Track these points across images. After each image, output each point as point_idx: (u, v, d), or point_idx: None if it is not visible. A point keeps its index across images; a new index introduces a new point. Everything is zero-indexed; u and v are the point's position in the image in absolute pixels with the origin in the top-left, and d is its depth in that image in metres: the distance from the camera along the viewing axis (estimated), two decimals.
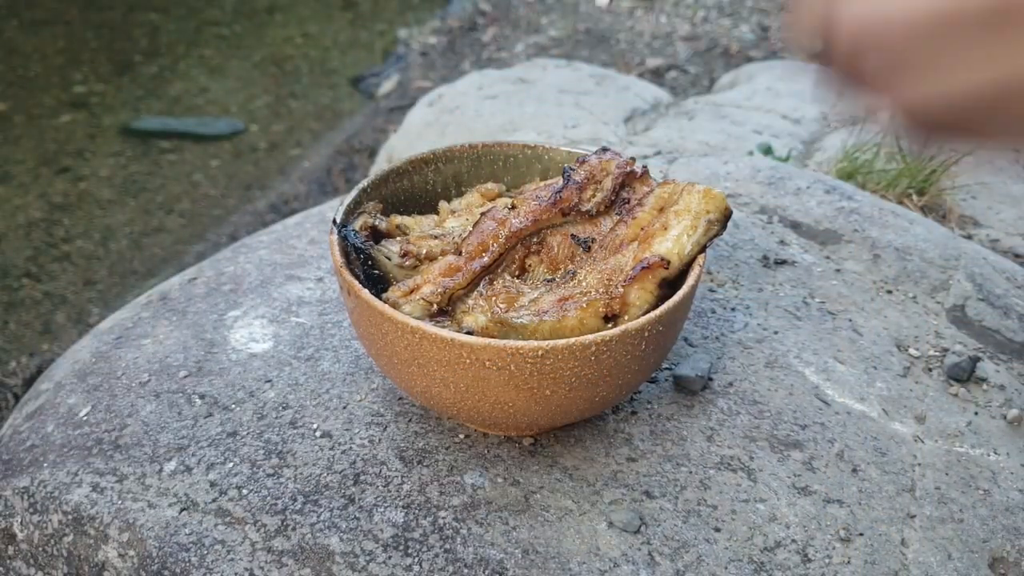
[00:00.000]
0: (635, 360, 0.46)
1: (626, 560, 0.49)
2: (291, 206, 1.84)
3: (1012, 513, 0.54)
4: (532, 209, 0.51)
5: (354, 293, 0.47)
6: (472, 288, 0.49)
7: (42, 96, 2.32)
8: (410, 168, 0.57)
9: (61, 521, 0.53)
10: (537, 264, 0.51)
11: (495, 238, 0.50)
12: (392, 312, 0.45)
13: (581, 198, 0.51)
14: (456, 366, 0.45)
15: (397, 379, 0.50)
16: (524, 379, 0.44)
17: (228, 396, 0.60)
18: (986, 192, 1.08)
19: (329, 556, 0.48)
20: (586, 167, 0.52)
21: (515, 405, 0.46)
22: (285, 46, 2.74)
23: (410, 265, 0.51)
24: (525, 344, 0.43)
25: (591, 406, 0.48)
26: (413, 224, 0.54)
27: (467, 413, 0.49)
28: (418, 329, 0.44)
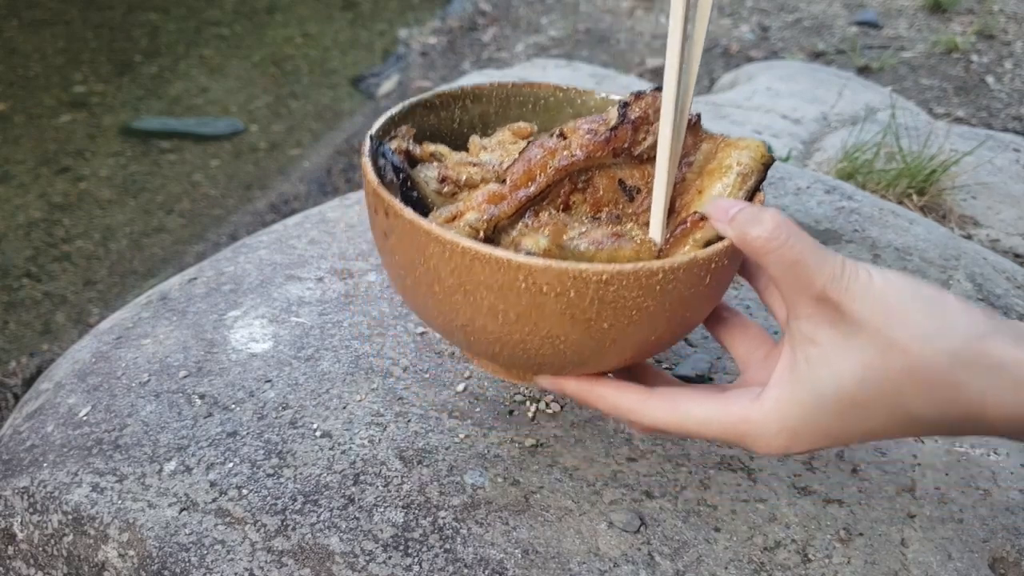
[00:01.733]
0: (696, 297, 0.43)
1: (626, 560, 0.49)
2: (291, 206, 1.84)
3: (1012, 513, 0.54)
4: (586, 143, 0.47)
5: (394, 213, 0.42)
6: (517, 219, 0.46)
7: (42, 96, 2.32)
8: (437, 102, 0.54)
9: (61, 521, 0.53)
10: (581, 203, 0.48)
11: (543, 168, 0.46)
12: (441, 231, 0.40)
13: (634, 139, 0.47)
14: (509, 292, 0.40)
15: (435, 313, 0.45)
16: (583, 308, 0.40)
17: (228, 396, 0.60)
18: (986, 192, 1.08)
19: (329, 556, 0.48)
20: (642, 103, 0.48)
21: (567, 339, 0.42)
22: (285, 46, 2.74)
23: (448, 192, 0.47)
24: (589, 267, 0.39)
25: (644, 347, 0.45)
26: (448, 153, 0.51)
27: (510, 350, 0.44)
28: (470, 249, 0.40)
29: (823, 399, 0.38)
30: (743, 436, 0.40)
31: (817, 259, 0.37)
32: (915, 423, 0.38)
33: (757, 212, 0.39)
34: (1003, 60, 2.15)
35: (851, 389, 0.37)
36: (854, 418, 0.38)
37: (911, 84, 2.04)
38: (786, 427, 0.39)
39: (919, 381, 0.36)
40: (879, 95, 1.53)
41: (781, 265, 0.38)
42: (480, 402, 0.59)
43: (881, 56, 2.17)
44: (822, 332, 0.38)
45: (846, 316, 0.37)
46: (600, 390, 0.44)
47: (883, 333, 0.36)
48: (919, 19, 2.43)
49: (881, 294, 0.37)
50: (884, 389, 0.37)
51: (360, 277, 0.73)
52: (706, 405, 0.41)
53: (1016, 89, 2.00)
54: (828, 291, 0.37)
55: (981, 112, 1.89)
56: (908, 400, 0.37)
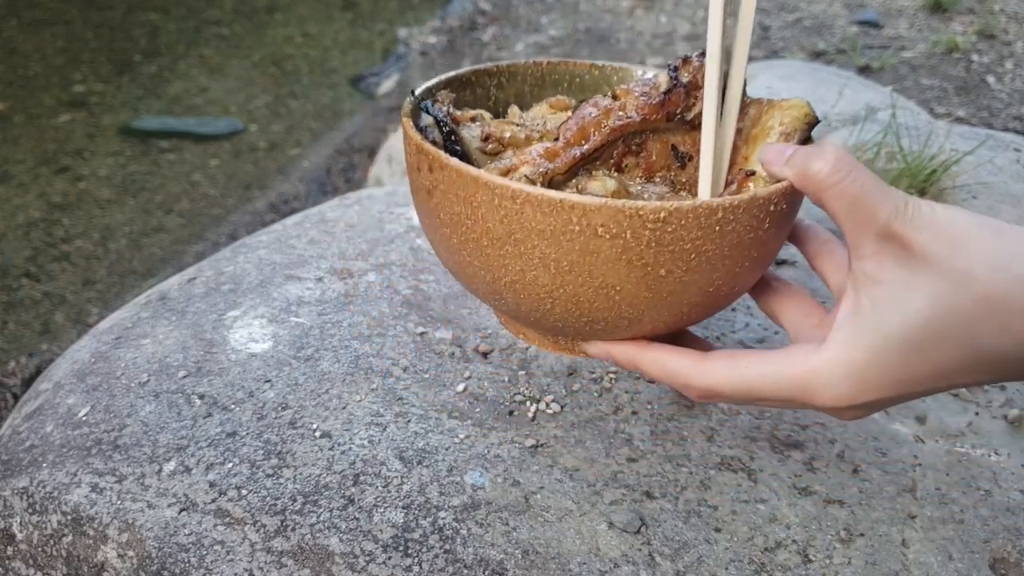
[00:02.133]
0: (756, 242, 0.41)
1: (626, 560, 0.48)
2: (291, 206, 1.84)
3: (1013, 513, 0.54)
4: (640, 105, 0.46)
5: (439, 165, 0.41)
6: (571, 176, 0.45)
7: (42, 96, 2.32)
8: (473, 78, 0.53)
9: (60, 521, 0.53)
10: (634, 166, 0.47)
11: (597, 127, 0.46)
12: (490, 177, 0.39)
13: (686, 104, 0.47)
14: (562, 237, 0.39)
15: (482, 272, 0.43)
16: (639, 252, 0.39)
17: (227, 396, 0.59)
18: (987, 192, 1.08)
19: (329, 557, 0.48)
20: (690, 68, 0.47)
21: (623, 289, 0.40)
22: (285, 46, 2.74)
23: (492, 150, 0.47)
24: (645, 204, 0.37)
25: (702, 299, 0.42)
26: (488, 117, 0.51)
27: (562, 307, 0.42)
28: (521, 192, 0.38)
29: (891, 340, 0.36)
30: (806, 389, 0.38)
31: (880, 193, 0.36)
32: (987, 361, 0.36)
33: (816, 148, 0.37)
34: (1004, 60, 2.15)
35: (921, 327, 0.35)
36: (925, 359, 0.36)
37: (912, 84, 2.04)
38: (852, 373, 0.37)
39: (994, 311, 0.34)
40: (880, 95, 1.53)
41: (844, 200, 0.36)
42: (480, 402, 0.59)
43: (882, 56, 2.17)
44: (887, 270, 0.36)
45: (912, 250, 0.35)
46: (653, 354, 0.42)
47: (952, 264, 0.35)
48: (919, 19, 2.43)
49: (947, 225, 0.35)
50: (956, 323, 0.35)
51: (360, 277, 0.73)
52: (765, 361, 0.39)
53: (1017, 89, 2.00)
54: (892, 225, 0.36)
55: (982, 112, 1.89)
56: (982, 333, 0.35)
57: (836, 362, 0.37)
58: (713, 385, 0.40)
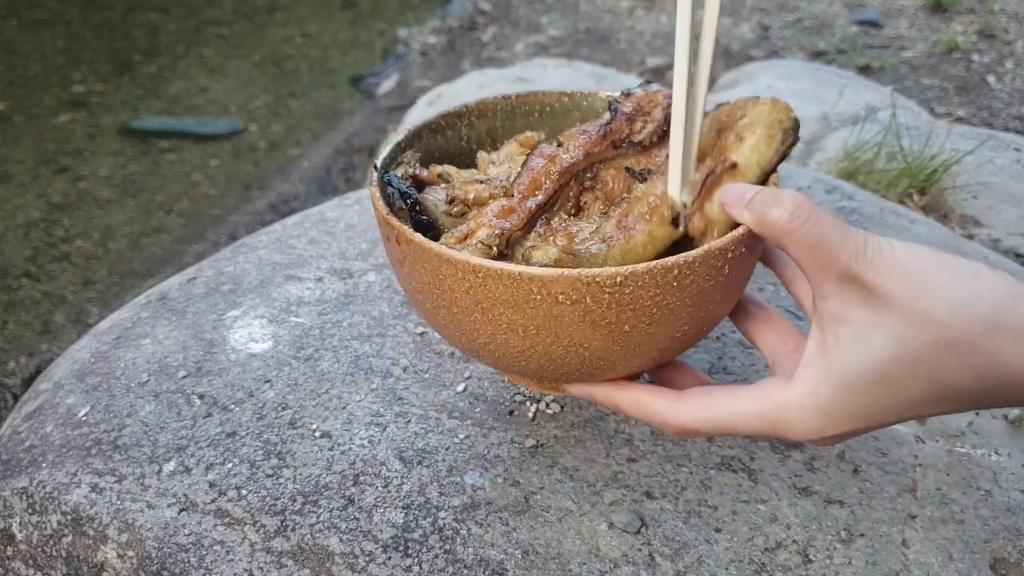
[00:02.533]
0: (718, 287, 0.42)
1: (626, 561, 0.48)
2: (290, 206, 1.84)
3: (1014, 514, 0.54)
4: (582, 143, 0.47)
5: (405, 239, 0.43)
6: (529, 229, 0.46)
7: (41, 96, 2.32)
8: (443, 123, 0.54)
9: (60, 522, 0.53)
10: (593, 201, 0.48)
11: (547, 174, 0.47)
12: (451, 253, 0.41)
13: (632, 130, 0.48)
14: (525, 305, 0.40)
15: (458, 333, 0.45)
16: (601, 313, 0.40)
17: (227, 396, 0.59)
18: (987, 192, 1.08)
19: (329, 557, 0.48)
20: (633, 99, 0.49)
21: (591, 346, 0.42)
22: (285, 46, 2.74)
23: (458, 212, 0.48)
24: (600, 272, 0.39)
25: (671, 344, 0.44)
26: (455, 173, 0.51)
27: (536, 363, 0.44)
28: (481, 267, 0.40)
29: (856, 377, 0.37)
30: (777, 424, 0.40)
31: (839, 236, 0.37)
32: (951, 395, 0.37)
33: (775, 193, 0.38)
34: (1004, 60, 2.15)
35: (884, 365, 0.36)
36: (889, 395, 0.37)
37: (912, 83, 2.04)
38: (820, 407, 0.38)
39: (953, 350, 0.36)
40: (880, 94, 1.53)
41: (803, 246, 0.37)
42: (480, 402, 0.59)
43: (882, 55, 2.17)
44: (850, 310, 0.37)
45: (873, 291, 0.36)
46: (631, 394, 0.44)
47: (912, 305, 0.36)
48: (920, 18, 2.43)
49: (906, 265, 0.36)
50: (918, 362, 0.36)
51: (360, 277, 0.73)
52: (737, 398, 0.41)
53: (1017, 89, 2.00)
54: (852, 267, 0.37)
55: (982, 112, 1.89)
56: (943, 371, 0.36)
57: (805, 398, 0.39)
58: (687, 423, 0.42)
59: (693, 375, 0.47)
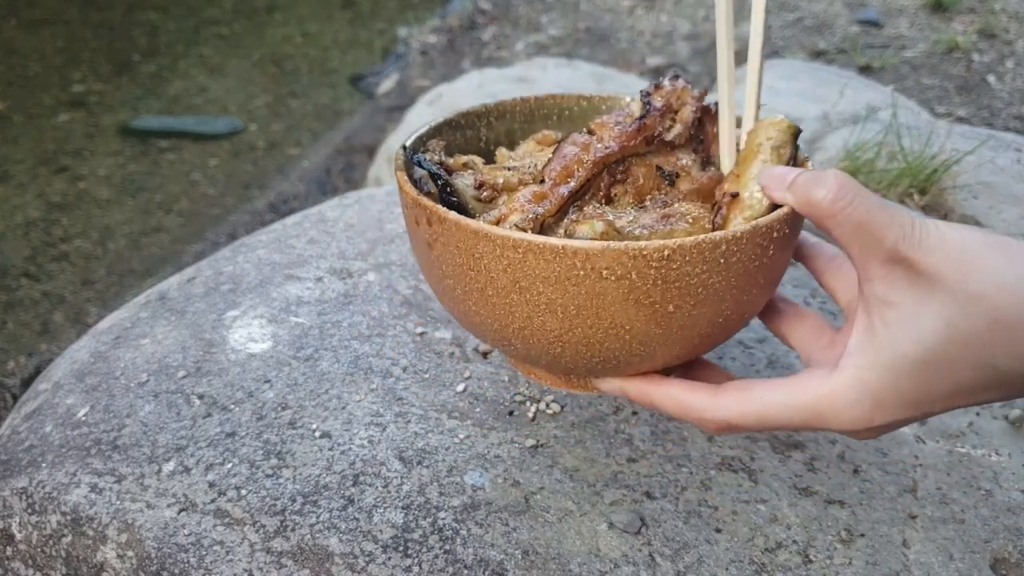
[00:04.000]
0: (762, 269, 0.41)
1: (627, 561, 0.48)
2: (290, 205, 1.84)
3: (1014, 513, 0.54)
4: (617, 135, 0.47)
5: (438, 219, 0.41)
6: (562, 216, 0.45)
7: (41, 95, 2.32)
8: (462, 121, 0.54)
9: (59, 522, 0.52)
10: (623, 194, 0.47)
11: (580, 163, 0.46)
12: (490, 229, 0.40)
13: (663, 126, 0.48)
14: (567, 282, 0.39)
15: (490, 319, 0.43)
16: (646, 291, 0.39)
17: (227, 396, 0.59)
18: (988, 192, 1.08)
19: (328, 557, 0.48)
20: (663, 93, 0.48)
21: (632, 328, 0.40)
22: (284, 45, 2.74)
23: (487, 197, 0.47)
24: (648, 244, 0.38)
25: (712, 330, 0.42)
26: (480, 162, 0.51)
27: (572, 349, 0.42)
28: (522, 242, 0.39)
29: (906, 362, 0.36)
30: (823, 413, 0.38)
31: (885, 216, 0.36)
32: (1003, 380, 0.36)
33: (819, 174, 0.37)
34: (1005, 59, 2.15)
35: (935, 348, 0.35)
36: (940, 380, 0.36)
37: (912, 83, 2.03)
38: (868, 395, 0.37)
39: (1007, 331, 0.34)
40: (880, 94, 1.53)
41: (849, 226, 0.36)
42: (480, 402, 0.59)
43: (882, 55, 2.17)
44: (898, 292, 0.36)
45: (922, 273, 0.35)
46: (667, 389, 0.42)
47: (963, 286, 0.34)
48: (920, 18, 2.43)
49: (956, 246, 0.35)
50: (970, 344, 0.35)
51: (359, 277, 0.73)
52: (779, 390, 0.39)
53: (1018, 88, 2.00)
54: (900, 248, 0.35)
55: (983, 111, 1.89)
56: (996, 354, 0.35)
57: (851, 385, 0.37)
58: (729, 418, 0.40)
59: (723, 373, 0.46)
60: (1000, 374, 0.35)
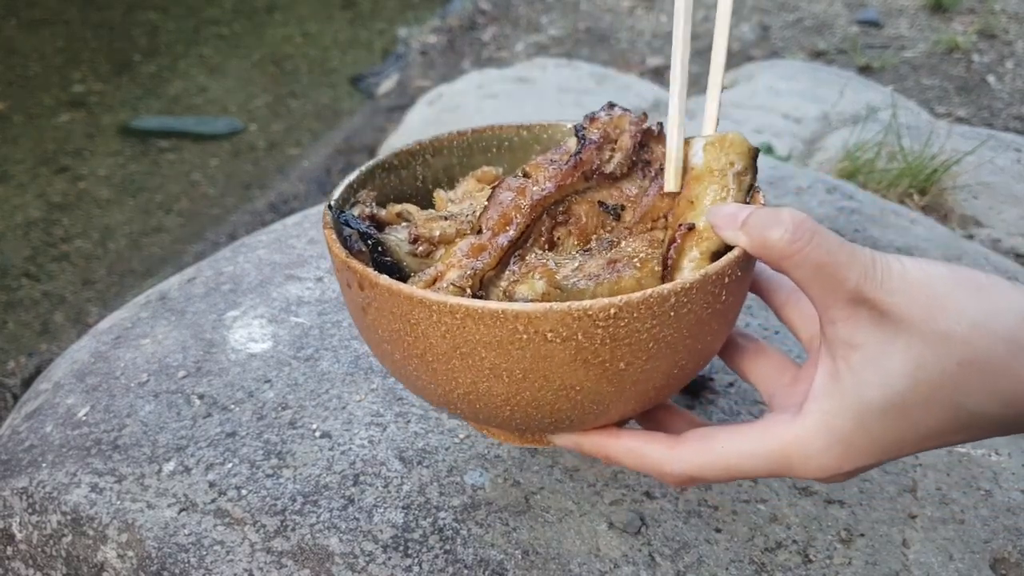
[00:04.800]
0: (715, 316, 0.39)
1: (626, 561, 0.48)
2: (290, 206, 1.84)
3: (1014, 514, 0.54)
4: (552, 174, 0.45)
5: (370, 283, 0.39)
6: (503, 268, 0.43)
7: (41, 95, 2.32)
8: (396, 162, 0.51)
9: (60, 521, 0.52)
10: (566, 236, 0.45)
11: (517, 209, 0.43)
12: (425, 294, 0.37)
13: (601, 158, 0.45)
14: (511, 347, 0.37)
15: (432, 385, 0.41)
16: (594, 350, 0.37)
17: (227, 396, 0.59)
18: (988, 192, 1.08)
19: (328, 557, 0.48)
20: (598, 124, 0.46)
21: (583, 388, 0.39)
22: (284, 45, 2.74)
23: (423, 252, 0.44)
24: (593, 304, 0.36)
25: (668, 381, 0.41)
26: (415, 212, 0.47)
27: (522, 412, 0.40)
28: (460, 307, 0.37)
29: (873, 406, 0.34)
30: (790, 461, 0.36)
31: (846, 255, 0.34)
32: (974, 422, 0.35)
33: (773, 213, 0.36)
34: (1004, 60, 2.15)
35: (903, 391, 0.34)
36: (910, 423, 0.35)
37: (912, 83, 2.03)
38: (836, 441, 0.35)
39: (979, 373, 0.33)
40: (880, 94, 1.53)
41: (808, 268, 0.34)
42: None
43: (882, 55, 2.17)
44: (862, 333, 0.34)
45: (886, 313, 0.34)
46: (624, 443, 0.40)
47: (931, 326, 0.33)
48: (920, 18, 2.43)
49: (920, 284, 0.34)
50: (940, 386, 0.33)
51: None
52: (741, 438, 0.38)
53: (1017, 89, 2.00)
54: (863, 289, 0.34)
55: (982, 112, 1.89)
56: (967, 396, 0.34)
57: (818, 432, 0.36)
58: (689, 470, 0.39)
59: (684, 418, 0.44)
60: (971, 416, 0.34)
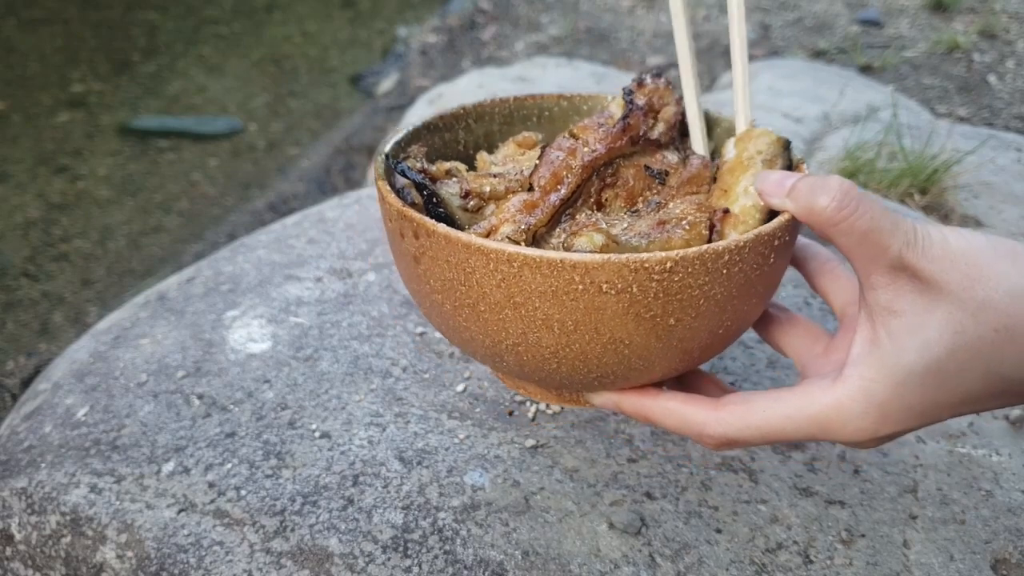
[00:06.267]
0: (763, 278, 0.40)
1: (627, 561, 0.48)
2: (290, 205, 1.84)
3: (1014, 514, 0.54)
4: (602, 136, 0.46)
5: (426, 232, 0.39)
6: (554, 225, 0.43)
7: (40, 95, 2.32)
8: (440, 124, 0.52)
9: (59, 522, 0.52)
10: (614, 198, 0.46)
11: (568, 168, 0.44)
12: (483, 242, 0.37)
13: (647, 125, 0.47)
14: (565, 297, 0.37)
15: (481, 336, 0.41)
16: (647, 304, 0.37)
17: (226, 396, 0.59)
18: (988, 191, 1.08)
19: (328, 557, 0.48)
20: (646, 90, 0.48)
21: (632, 342, 0.39)
22: (284, 44, 2.74)
23: (474, 207, 0.45)
24: (650, 257, 0.36)
25: (712, 341, 0.41)
26: (463, 169, 0.49)
27: (568, 365, 0.41)
28: (518, 255, 0.37)
29: (912, 371, 0.35)
30: (828, 425, 0.37)
31: (890, 223, 0.35)
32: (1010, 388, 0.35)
33: (820, 180, 0.37)
34: (1005, 59, 2.14)
35: (942, 357, 0.35)
36: (947, 389, 0.35)
37: (913, 83, 2.03)
38: (874, 405, 0.36)
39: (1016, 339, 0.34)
40: (881, 94, 1.53)
41: (853, 235, 0.35)
42: (480, 403, 0.59)
43: (883, 55, 2.17)
44: (903, 300, 0.35)
45: (927, 281, 0.35)
46: (665, 403, 0.41)
47: (970, 293, 0.34)
48: (921, 18, 2.43)
49: (961, 253, 0.35)
50: (979, 352, 0.34)
51: (359, 277, 0.73)
52: (782, 402, 0.38)
53: (1018, 88, 2.00)
54: (904, 256, 0.35)
55: (983, 111, 1.89)
56: (1005, 361, 0.34)
57: (856, 396, 0.36)
58: (730, 432, 0.39)
59: (717, 384, 0.45)
60: (1007, 381, 0.35)
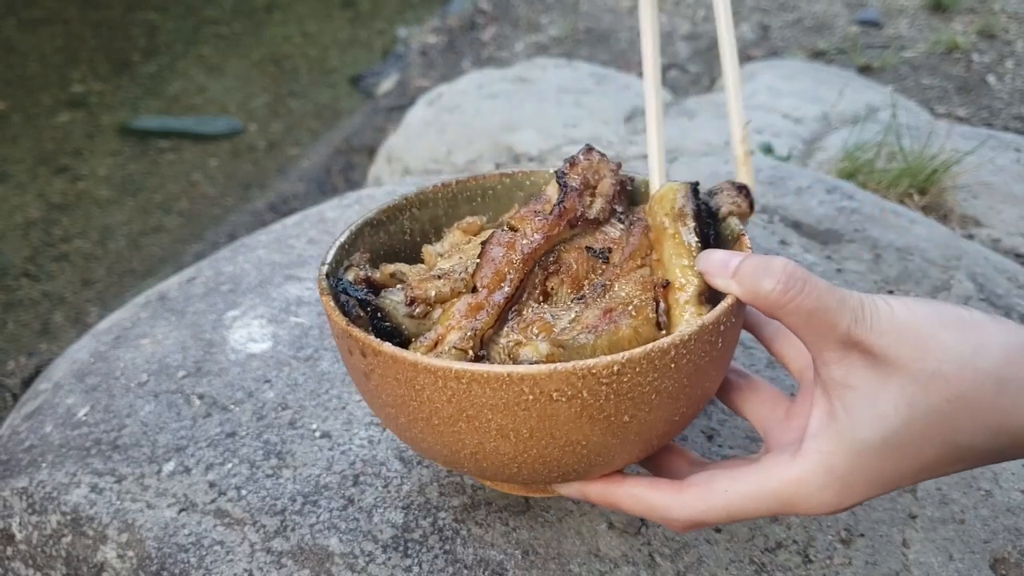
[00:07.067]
0: (712, 363, 0.41)
1: (626, 561, 0.48)
2: (290, 206, 1.84)
3: (1014, 514, 0.54)
4: (539, 226, 0.46)
5: (372, 351, 0.40)
6: (501, 325, 0.43)
7: (40, 95, 2.32)
8: (384, 218, 0.52)
9: (60, 522, 0.52)
10: (559, 285, 0.46)
11: (509, 264, 0.44)
12: (429, 361, 0.38)
13: (583, 205, 0.47)
14: (516, 408, 0.38)
15: (438, 446, 0.42)
16: (599, 406, 0.38)
17: (227, 396, 0.59)
18: (987, 192, 1.08)
19: (328, 557, 0.48)
20: (578, 169, 0.48)
21: (588, 443, 0.40)
22: (284, 45, 2.74)
23: (420, 313, 0.45)
24: (596, 362, 0.37)
25: (669, 428, 0.42)
26: (408, 270, 0.49)
27: (529, 468, 0.41)
28: (465, 372, 0.37)
29: (869, 444, 0.36)
30: (791, 500, 0.38)
31: (835, 301, 0.36)
32: (964, 455, 0.36)
33: (764, 262, 0.37)
34: (1004, 59, 2.15)
35: (899, 428, 0.36)
36: (905, 459, 0.36)
37: (912, 83, 2.03)
38: (834, 478, 0.37)
39: (966, 408, 0.35)
40: (880, 94, 1.53)
41: (800, 315, 0.36)
42: None
43: (882, 55, 2.17)
44: (856, 375, 0.36)
45: (877, 355, 0.36)
46: (631, 490, 0.42)
47: (920, 365, 0.35)
48: (920, 18, 2.43)
49: (908, 325, 0.35)
50: (932, 423, 0.35)
51: None
52: (743, 480, 0.39)
53: (1017, 88, 2.00)
54: (853, 333, 0.36)
55: (982, 111, 1.89)
56: (957, 431, 0.35)
57: (817, 470, 0.37)
58: (695, 515, 0.40)
59: (684, 456, 0.45)
60: (962, 449, 0.36)
